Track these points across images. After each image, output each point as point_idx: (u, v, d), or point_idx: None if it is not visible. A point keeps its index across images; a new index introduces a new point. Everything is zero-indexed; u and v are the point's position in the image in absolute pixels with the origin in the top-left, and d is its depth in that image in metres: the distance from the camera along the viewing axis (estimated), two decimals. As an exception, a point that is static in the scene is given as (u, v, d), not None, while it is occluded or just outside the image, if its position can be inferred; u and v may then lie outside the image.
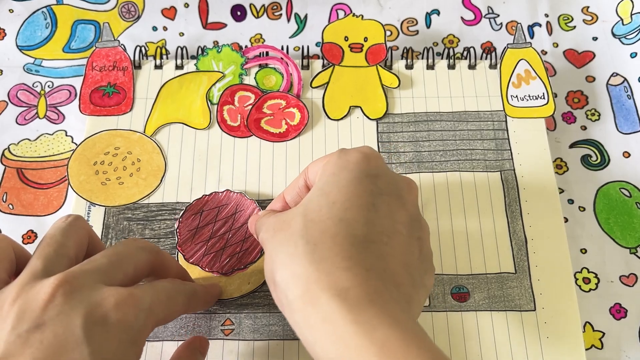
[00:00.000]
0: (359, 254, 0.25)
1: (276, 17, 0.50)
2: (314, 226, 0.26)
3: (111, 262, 0.28)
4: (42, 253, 0.27)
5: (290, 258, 0.26)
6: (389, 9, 0.50)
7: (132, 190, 0.40)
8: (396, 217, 0.28)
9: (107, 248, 0.29)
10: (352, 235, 0.26)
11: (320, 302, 0.24)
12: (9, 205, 0.41)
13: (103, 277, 0.27)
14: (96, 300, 0.25)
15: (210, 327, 0.36)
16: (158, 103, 0.43)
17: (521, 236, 0.39)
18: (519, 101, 0.43)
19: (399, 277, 0.26)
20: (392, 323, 0.23)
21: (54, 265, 0.27)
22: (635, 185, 0.42)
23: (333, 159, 0.30)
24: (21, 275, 0.26)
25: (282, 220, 0.29)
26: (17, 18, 0.48)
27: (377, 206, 0.27)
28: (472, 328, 0.36)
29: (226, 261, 0.36)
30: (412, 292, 0.27)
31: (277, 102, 0.43)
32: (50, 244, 0.27)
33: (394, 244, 0.27)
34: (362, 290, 0.24)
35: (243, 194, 0.38)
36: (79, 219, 0.29)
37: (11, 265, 0.27)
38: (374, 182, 0.28)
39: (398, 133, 0.42)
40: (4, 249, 0.27)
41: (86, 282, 0.26)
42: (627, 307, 0.38)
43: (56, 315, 0.24)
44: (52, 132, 0.44)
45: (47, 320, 0.24)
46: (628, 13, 0.48)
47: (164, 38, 0.48)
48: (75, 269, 0.26)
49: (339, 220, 0.26)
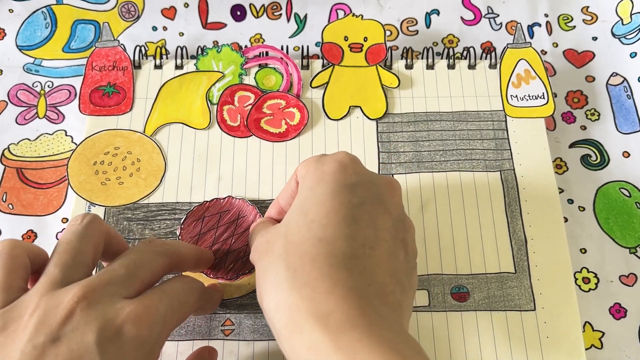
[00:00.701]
0: (339, 274, 0.25)
1: (276, 17, 0.50)
2: (294, 249, 0.26)
3: (129, 272, 0.27)
4: (59, 261, 0.27)
5: (273, 286, 0.26)
6: (389, 9, 0.50)
7: (132, 190, 0.40)
8: (379, 224, 0.28)
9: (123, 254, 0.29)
10: (332, 255, 0.26)
11: (304, 330, 0.24)
12: (9, 205, 0.41)
13: (121, 289, 0.27)
14: (111, 316, 0.25)
15: (211, 327, 0.36)
16: (158, 103, 0.43)
17: (521, 236, 0.39)
18: (518, 101, 0.43)
19: (386, 287, 0.26)
20: (374, 345, 0.23)
21: (72, 273, 0.26)
22: (635, 185, 0.42)
23: (311, 169, 0.29)
24: (40, 284, 0.26)
25: (267, 241, 0.28)
26: (17, 18, 0.48)
27: (357, 218, 0.27)
28: (472, 328, 0.36)
29: (230, 266, 0.35)
30: (402, 298, 0.27)
31: (277, 102, 0.43)
32: (68, 251, 0.27)
33: (378, 254, 0.27)
34: (343, 314, 0.24)
35: (245, 200, 0.38)
36: (95, 221, 0.29)
37: (27, 272, 0.27)
38: (352, 192, 0.28)
39: (398, 133, 0.43)
40: (19, 257, 0.27)
41: (104, 296, 0.26)
42: (627, 307, 0.38)
43: (72, 331, 0.24)
44: (52, 132, 0.44)
45: (63, 335, 0.24)
46: (628, 13, 0.48)
47: (164, 38, 0.48)
48: (95, 280, 0.26)
49: (318, 240, 0.26)
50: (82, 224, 0.28)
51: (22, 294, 0.26)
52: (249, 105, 0.43)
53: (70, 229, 0.28)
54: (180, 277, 0.31)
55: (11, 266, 0.26)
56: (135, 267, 0.28)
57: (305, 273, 0.25)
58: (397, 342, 0.24)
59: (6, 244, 0.27)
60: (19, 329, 0.24)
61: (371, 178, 0.30)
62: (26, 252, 0.27)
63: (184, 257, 0.31)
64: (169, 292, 0.28)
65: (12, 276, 0.26)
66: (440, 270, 0.38)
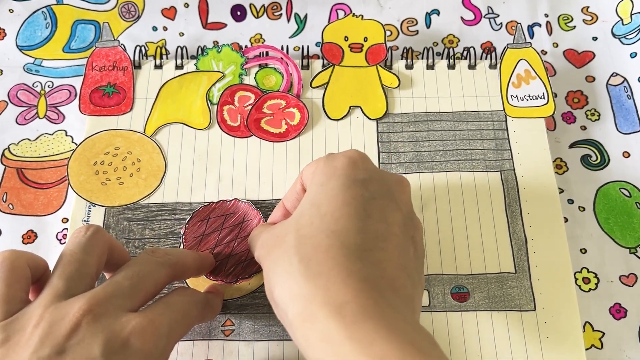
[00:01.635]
0: (353, 265, 0.25)
1: (276, 17, 0.50)
2: (307, 241, 0.26)
3: (133, 285, 0.27)
4: (63, 272, 0.27)
5: (286, 276, 0.26)
6: (389, 9, 0.50)
7: (132, 191, 0.40)
8: (390, 219, 0.28)
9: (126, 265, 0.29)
10: (346, 246, 0.26)
11: (318, 320, 0.24)
12: (9, 205, 0.41)
13: (126, 302, 0.27)
14: (117, 329, 0.25)
15: (211, 328, 0.36)
16: (158, 103, 0.43)
17: (521, 236, 0.39)
18: (518, 101, 0.43)
19: (397, 281, 0.26)
20: (389, 336, 0.23)
21: (76, 285, 0.27)
22: (635, 185, 0.42)
23: (320, 165, 0.30)
24: (43, 295, 0.26)
25: (276, 235, 0.28)
26: (17, 18, 0.48)
27: (368, 212, 0.27)
28: (472, 328, 0.36)
29: (231, 270, 0.35)
30: (413, 293, 0.27)
31: (277, 102, 0.43)
32: (72, 262, 0.27)
33: (390, 248, 0.27)
34: (358, 304, 0.24)
35: (251, 204, 0.38)
36: (98, 232, 0.29)
37: (28, 283, 0.27)
38: (364, 186, 0.28)
39: (398, 133, 0.43)
40: (20, 267, 0.27)
41: (109, 309, 0.26)
42: (627, 307, 0.38)
43: (77, 344, 0.24)
44: (52, 132, 0.44)
45: (68, 348, 0.24)
46: (628, 13, 0.48)
47: (164, 38, 0.48)
48: (100, 293, 0.26)
49: (331, 232, 0.26)
50: (85, 235, 0.28)
51: (24, 305, 0.26)
52: (249, 105, 0.43)
53: (73, 240, 0.28)
54: (182, 289, 0.31)
55: (12, 278, 0.26)
56: (139, 279, 0.28)
57: (319, 264, 0.25)
58: (412, 334, 0.24)
59: (7, 255, 0.27)
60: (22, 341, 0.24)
61: (382, 174, 0.30)
62: (27, 263, 0.27)
63: (186, 266, 0.31)
64: (172, 306, 0.28)
65: (13, 288, 0.26)
66: (440, 270, 0.38)
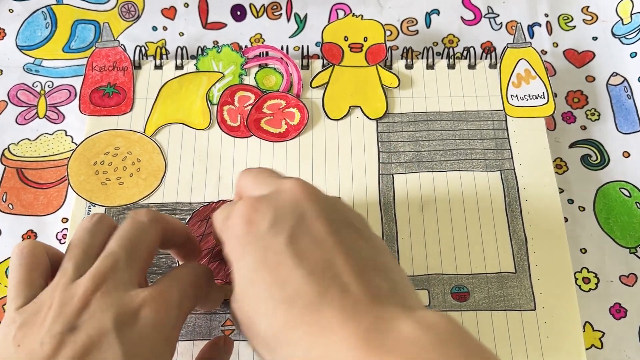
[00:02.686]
0: None
1: (276, 17, 0.50)
2: None
3: (128, 252, 0.28)
4: (71, 256, 0.28)
5: None
6: (389, 9, 0.50)
7: (132, 191, 0.40)
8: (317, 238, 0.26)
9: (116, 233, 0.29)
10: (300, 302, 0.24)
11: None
12: (9, 205, 0.41)
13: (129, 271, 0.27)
14: (127, 301, 0.26)
15: (211, 328, 0.36)
16: (158, 103, 0.43)
17: (521, 236, 0.39)
18: (518, 101, 0.43)
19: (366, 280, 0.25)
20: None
21: (84, 266, 0.27)
22: (635, 185, 0.42)
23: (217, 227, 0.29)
24: (55, 280, 0.27)
25: None
26: (17, 18, 0.48)
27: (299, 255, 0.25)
28: (472, 328, 0.36)
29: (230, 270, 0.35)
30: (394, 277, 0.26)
31: (277, 102, 0.43)
32: (79, 246, 0.28)
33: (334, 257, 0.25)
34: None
35: None
36: (103, 218, 0.30)
37: (46, 270, 0.28)
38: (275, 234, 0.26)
39: (398, 133, 0.43)
40: (39, 255, 0.28)
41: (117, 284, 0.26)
42: (627, 307, 0.38)
43: (89, 319, 0.25)
44: (52, 132, 0.44)
45: (80, 324, 0.25)
46: (628, 13, 0.48)
47: (164, 38, 0.48)
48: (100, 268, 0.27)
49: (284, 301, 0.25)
50: (91, 221, 0.29)
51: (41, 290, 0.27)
52: (249, 105, 0.43)
53: (81, 226, 0.29)
54: (186, 264, 0.31)
55: (32, 264, 0.28)
56: (131, 245, 0.28)
57: None
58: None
59: (27, 244, 0.28)
60: (37, 323, 0.25)
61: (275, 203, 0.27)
62: (45, 252, 0.28)
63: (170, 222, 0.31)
64: (179, 277, 0.29)
65: (33, 274, 0.27)
66: (440, 270, 0.38)
